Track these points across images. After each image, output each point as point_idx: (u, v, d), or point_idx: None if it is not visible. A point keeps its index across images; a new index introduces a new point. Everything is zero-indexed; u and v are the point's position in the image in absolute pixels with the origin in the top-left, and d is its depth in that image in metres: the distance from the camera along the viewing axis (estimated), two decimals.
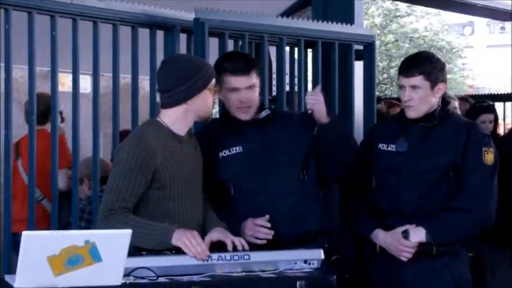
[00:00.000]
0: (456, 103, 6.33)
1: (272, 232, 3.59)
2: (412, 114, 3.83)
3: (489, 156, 3.77)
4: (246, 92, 3.70)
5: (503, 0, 9.22)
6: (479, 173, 3.75)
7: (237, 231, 3.56)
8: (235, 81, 3.69)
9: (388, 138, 3.90)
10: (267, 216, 3.61)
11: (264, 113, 3.80)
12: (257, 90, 3.77)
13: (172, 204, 3.40)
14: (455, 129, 3.82)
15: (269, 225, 3.60)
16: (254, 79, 3.72)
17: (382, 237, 3.80)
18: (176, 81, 3.40)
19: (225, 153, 3.74)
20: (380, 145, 3.90)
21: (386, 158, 3.86)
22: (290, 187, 3.71)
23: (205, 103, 3.46)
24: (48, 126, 5.11)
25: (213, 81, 3.48)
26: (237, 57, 3.84)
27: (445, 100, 3.91)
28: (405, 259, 3.74)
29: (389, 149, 3.87)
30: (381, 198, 3.85)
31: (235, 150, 3.74)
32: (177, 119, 3.45)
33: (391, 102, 6.71)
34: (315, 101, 3.72)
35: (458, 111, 6.19)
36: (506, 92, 9.54)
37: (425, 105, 3.81)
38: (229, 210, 3.70)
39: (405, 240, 3.72)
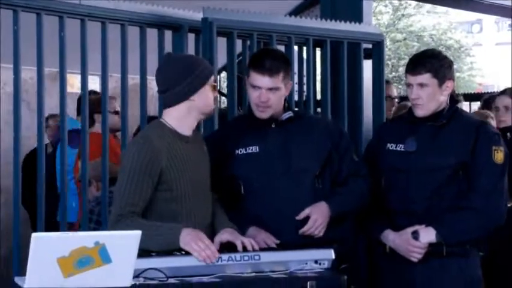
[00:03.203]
0: None
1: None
2: (420, 112, 3.80)
3: (499, 155, 3.74)
4: (266, 92, 3.63)
5: None
6: (489, 172, 3.72)
7: (244, 230, 3.55)
8: (258, 79, 3.64)
9: (396, 138, 3.87)
10: (277, 241, 3.56)
11: (286, 115, 3.75)
12: (281, 93, 3.67)
13: (180, 205, 3.38)
14: (464, 128, 3.79)
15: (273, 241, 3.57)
16: (279, 82, 3.64)
17: (391, 238, 3.78)
18: (175, 79, 3.38)
19: (240, 151, 3.71)
20: (389, 145, 3.88)
21: (395, 158, 3.83)
22: (302, 194, 3.65)
23: (207, 98, 3.44)
24: (96, 128, 5.12)
25: (212, 77, 3.46)
26: (268, 56, 3.71)
27: (453, 98, 3.89)
28: (415, 260, 3.71)
29: (398, 148, 3.84)
30: (390, 199, 3.83)
31: (252, 149, 3.71)
32: (181, 118, 3.43)
33: None
34: (317, 229, 3.60)
35: None
36: None
37: (434, 103, 3.78)
38: (238, 209, 3.68)
39: (415, 241, 3.70)
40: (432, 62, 3.76)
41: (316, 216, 3.59)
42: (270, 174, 3.68)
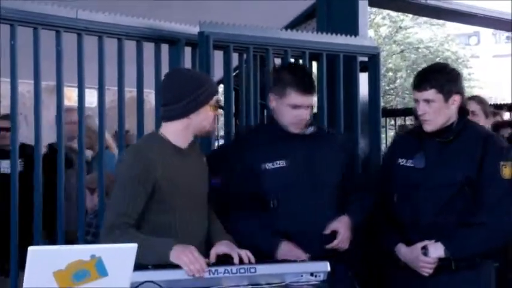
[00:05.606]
0: None
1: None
2: (428, 127, 3.79)
3: (507, 170, 3.69)
4: (305, 110, 3.73)
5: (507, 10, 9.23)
6: (496, 188, 3.68)
7: (273, 245, 3.62)
8: (300, 99, 3.71)
9: (407, 153, 3.86)
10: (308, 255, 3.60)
11: (310, 129, 3.83)
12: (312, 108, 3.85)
13: (174, 217, 3.38)
14: (472, 143, 3.75)
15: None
16: (315, 98, 3.80)
17: (403, 252, 3.79)
18: (178, 95, 3.38)
19: (268, 166, 3.75)
20: (400, 160, 3.87)
21: (405, 173, 3.82)
22: (327, 207, 3.77)
23: (206, 119, 3.43)
24: None
25: (215, 97, 3.46)
26: (306, 75, 3.81)
27: (463, 110, 3.84)
28: (426, 274, 3.72)
29: (408, 164, 3.83)
30: (402, 213, 3.82)
31: (279, 164, 3.76)
32: (178, 133, 3.43)
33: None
34: (343, 242, 3.73)
35: None
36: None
37: (441, 118, 3.76)
38: (267, 223, 3.71)
39: (425, 257, 3.70)
40: (437, 77, 3.73)
41: (344, 230, 3.71)
42: (298, 188, 3.75)
